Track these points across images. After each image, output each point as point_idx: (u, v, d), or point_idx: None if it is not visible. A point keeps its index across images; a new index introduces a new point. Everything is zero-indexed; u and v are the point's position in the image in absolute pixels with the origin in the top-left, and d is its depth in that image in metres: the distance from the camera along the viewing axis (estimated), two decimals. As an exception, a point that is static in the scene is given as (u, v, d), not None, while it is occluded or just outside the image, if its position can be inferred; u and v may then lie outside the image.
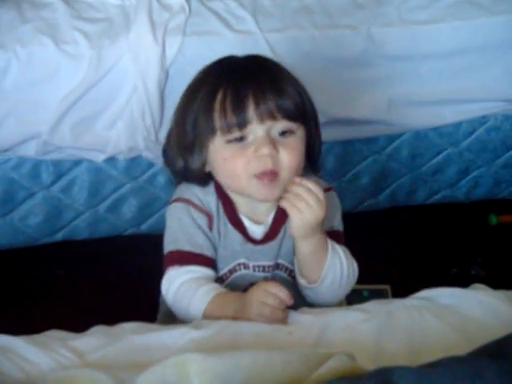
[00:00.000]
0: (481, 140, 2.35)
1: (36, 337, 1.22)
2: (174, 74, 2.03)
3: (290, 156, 1.34)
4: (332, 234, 1.42)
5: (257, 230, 1.44)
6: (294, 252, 1.40)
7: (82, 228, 2.19)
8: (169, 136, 1.46)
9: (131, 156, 2.12)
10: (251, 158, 1.33)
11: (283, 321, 1.26)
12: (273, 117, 1.32)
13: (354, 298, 2.13)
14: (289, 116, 1.33)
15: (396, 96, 2.21)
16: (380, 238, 2.52)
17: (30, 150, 2.03)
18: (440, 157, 2.36)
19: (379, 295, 2.09)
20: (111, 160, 2.12)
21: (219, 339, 1.20)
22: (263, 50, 2.05)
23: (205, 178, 1.42)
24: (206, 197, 1.43)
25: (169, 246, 1.42)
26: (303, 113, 1.37)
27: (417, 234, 2.57)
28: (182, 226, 1.41)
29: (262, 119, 1.31)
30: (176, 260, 1.40)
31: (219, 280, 1.44)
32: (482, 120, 2.32)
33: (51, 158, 2.08)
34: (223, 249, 1.44)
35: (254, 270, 1.45)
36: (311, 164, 1.45)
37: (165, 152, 1.47)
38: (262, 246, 1.44)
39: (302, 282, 1.40)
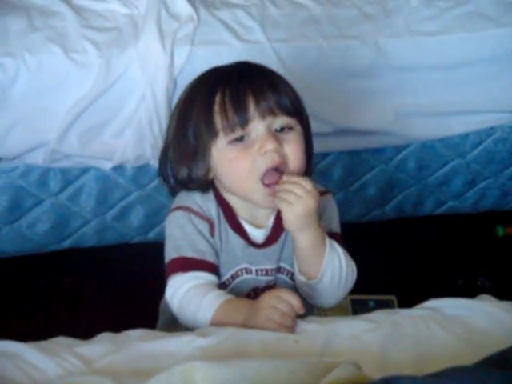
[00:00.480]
0: (488, 151, 2.34)
1: (43, 343, 1.22)
2: (182, 83, 2.03)
3: (294, 149, 1.36)
4: (331, 236, 1.42)
5: (258, 234, 1.45)
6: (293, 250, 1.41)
7: (90, 236, 2.20)
8: (166, 148, 1.46)
9: (139, 164, 2.12)
10: (256, 156, 1.34)
11: (291, 329, 1.25)
12: (273, 113, 1.34)
13: (360, 308, 2.13)
14: (288, 112, 1.35)
15: (403, 107, 2.22)
16: (386, 248, 2.52)
17: (38, 158, 2.04)
18: (447, 168, 2.36)
19: (385, 305, 2.09)
20: (119, 168, 2.12)
21: (226, 347, 1.20)
22: (270, 60, 2.05)
23: (207, 184, 1.43)
24: (206, 203, 1.43)
25: (171, 253, 1.42)
26: (298, 110, 1.39)
27: (423, 245, 2.57)
28: (184, 234, 1.41)
29: (263, 116, 1.33)
30: (179, 267, 1.40)
31: (222, 286, 1.44)
32: (490, 131, 2.32)
33: (59, 166, 2.08)
34: (225, 254, 1.44)
35: (257, 274, 1.46)
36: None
37: (161, 165, 1.47)
38: (264, 249, 1.45)
39: (301, 278, 1.39)
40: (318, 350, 1.21)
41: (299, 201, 1.31)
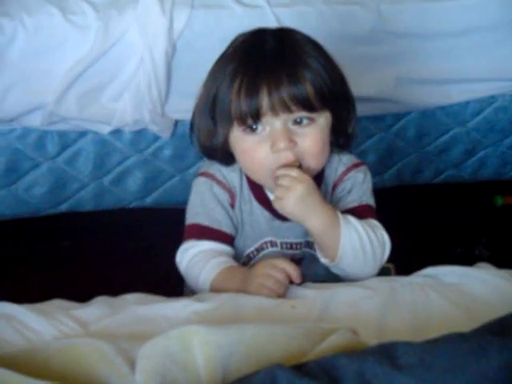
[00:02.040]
0: (488, 120, 2.33)
1: (39, 306, 1.23)
2: (181, 47, 2.02)
3: (310, 145, 1.33)
4: (359, 209, 1.42)
5: None
6: None
7: (87, 200, 2.19)
8: (195, 108, 1.43)
9: (137, 129, 2.11)
10: (269, 153, 1.32)
11: (282, 297, 1.26)
12: (288, 109, 1.29)
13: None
14: (306, 106, 1.30)
15: (404, 74, 2.20)
16: (385, 216, 2.51)
17: (36, 121, 2.03)
18: (447, 136, 2.35)
19: (383, 273, 2.08)
20: (117, 132, 2.11)
21: (222, 312, 1.20)
22: (271, 25, 2.01)
23: (228, 156, 1.41)
24: (231, 173, 1.43)
25: (189, 219, 1.43)
26: (326, 98, 1.32)
27: (422, 214, 2.57)
28: (202, 201, 1.42)
29: (276, 112, 1.29)
30: (194, 234, 1.41)
31: (246, 258, 1.45)
32: (490, 100, 2.31)
33: (57, 129, 2.07)
34: (249, 227, 1.44)
35: (282, 248, 1.45)
36: (342, 141, 1.43)
37: (192, 124, 1.44)
38: (289, 222, 1.42)
39: (324, 261, 1.38)
40: (315, 316, 1.21)
41: (287, 192, 1.29)
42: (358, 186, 1.44)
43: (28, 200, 2.14)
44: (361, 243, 1.35)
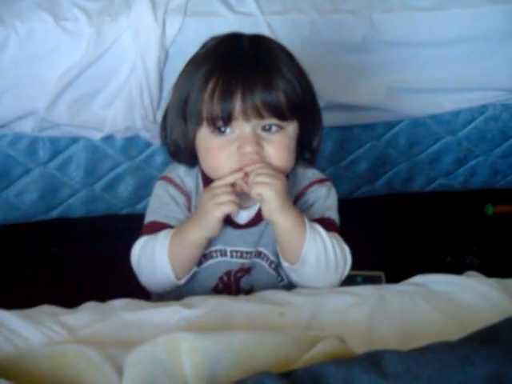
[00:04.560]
0: (479, 129, 2.34)
1: (27, 311, 1.22)
2: (173, 54, 2.03)
3: (276, 151, 1.32)
4: (322, 222, 1.40)
5: (242, 215, 1.42)
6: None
7: (78, 206, 2.19)
8: (165, 112, 1.43)
9: (128, 135, 2.11)
10: (234, 152, 1.31)
11: (236, 204, 1.31)
12: (260, 115, 1.28)
13: (347, 283, 2.13)
14: (277, 114, 1.30)
15: (395, 83, 2.21)
16: (376, 224, 2.52)
17: (27, 127, 2.03)
18: (438, 145, 2.36)
19: (373, 281, 2.09)
20: (108, 139, 2.11)
21: (210, 319, 1.20)
22: (263, 33, 2.02)
23: (193, 159, 1.41)
24: (187, 177, 1.43)
25: (147, 218, 1.44)
26: (297, 108, 1.32)
27: (412, 222, 2.58)
28: (161, 203, 1.43)
29: (247, 117, 1.28)
30: (151, 230, 1.41)
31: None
32: (481, 109, 2.32)
33: (48, 135, 2.07)
34: None
35: (232, 256, 1.44)
36: (308, 155, 1.43)
37: (162, 129, 1.44)
38: (241, 230, 1.42)
39: (285, 264, 1.38)
40: (304, 324, 1.21)
41: (275, 179, 1.29)
42: (321, 200, 1.43)
43: (19, 206, 2.14)
44: (325, 251, 1.35)
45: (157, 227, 1.41)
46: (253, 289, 1.40)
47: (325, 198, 1.44)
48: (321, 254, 1.35)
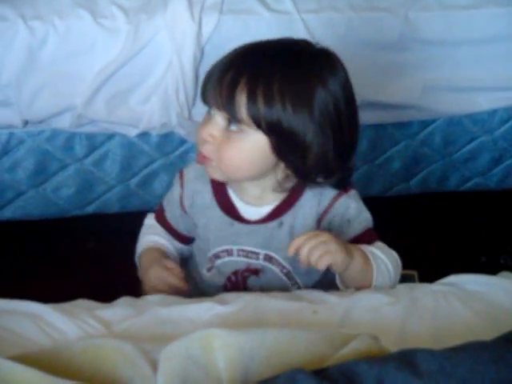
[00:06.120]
0: (516, 128, 2.33)
1: (64, 305, 1.24)
2: (209, 52, 2.03)
3: (225, 150, 1.29)
4: (364, 235, 1.39)
5: (248, 210, 1.41)
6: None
7: (113, 202, 2.21)
8: None
9: (164, 132, 2.13)
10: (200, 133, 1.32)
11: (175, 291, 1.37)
12: (221, 106, 1.27)
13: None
14: (232, 112, 1.26)
15: (431, 81, 2.20)
16: (410, 223, 2.51)
17: (65, 123, 2.05)
18: (473, 144, 2.34)
19: (407, 281, 2.08)
20: (144, 135, 2.13)
21: (244, 315, 1.20)
22: (299, 31, 2.04)
23: None
24: (201, 177, 1.43)
25: (163, 202, 1.54)
26: (257, 121, 1.26)
27: (447, 221, 2.56)
28: (171, 193, 1.50)
29: (218, 108, 1.28)
30: (158, 216, 1.55)
31: (210, 261, 1.47)
32: (518, 108, 2.30)
33: (85, 131, 2.09)
34: (207, 231, 1.45)
35: (239, 255, 1.43)
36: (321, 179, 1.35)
37: None
38: (249, 226, 1.40)
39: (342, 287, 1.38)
40: (337, 322, 1.21)
41: (325, 243, 1.24)
42: (355, 212, 1.39)
43: (55, 201, 2.17)
44: (388, 272, 1.36)
45: (161, 219, 1.54)
46: (262, 291, 1.38)
47: (356, 209, 1.40)
48: (385, 275, 1.35)
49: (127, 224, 2.36)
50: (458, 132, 2.31)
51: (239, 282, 1.46)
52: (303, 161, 1.29)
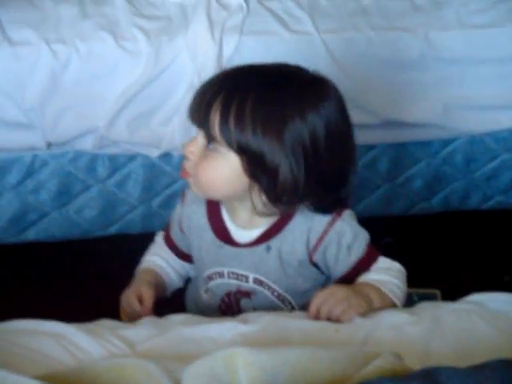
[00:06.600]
0: (538, 147, 2.31)
1: (87, 325, 1.25)
2: (230, 73, 2.05)
3: (200, 167, 1.33)
4: (366, 256, 1.39)
5: (239, 233, 1.41)
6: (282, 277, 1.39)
7: (136, 222, 2.22)
8: None
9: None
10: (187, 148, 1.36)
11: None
12: (205, 130, 1.31)
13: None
14: (212, 137, 1.30)
15: (452, 100, 2.20)
16: (432, 242, 2.50)
17: (87, 144, 2.07)
18: (495, 162, 2.33)
19: (429, 299, 2.07)
20: (165, 156, 2.14)
21: (266, 334, 1.21)
22: (319, 51, 2.05)
23: None
24: (197, 200, 1.46)
25: (171, 218, 1.55)
26: (229, 141, 1.29)
27: (469, 240, 2.55)
28: (175, 212, 1.53)
29: (199, 125, 1.33)
30: (165, 234, 1.56)
31: (206, 279, 1.47)
32: (540, 126, 2.29)
33: (107, 153, 2.11)
34: (200, 251, 1.46)
35: (229, 277, 1.43)
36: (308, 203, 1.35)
37: None
38: (238, 249, 1.41)
39: None
40: (359, 340, 1.21)
41: (351, 299, 1.29)
42: (351, 237, 1.38)
43: (78, 222, 2.18)
44: (401, 292, 1.37)
45: (167, 236, 1.55)
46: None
47: (352, 233, 1.38)
48: (399, 295, 1.37)
49: (150, 244, 2.38)
50: (480, 150, 2.31)
51: (232, 303, 1.45)
52: (273, 184, 1.30)
